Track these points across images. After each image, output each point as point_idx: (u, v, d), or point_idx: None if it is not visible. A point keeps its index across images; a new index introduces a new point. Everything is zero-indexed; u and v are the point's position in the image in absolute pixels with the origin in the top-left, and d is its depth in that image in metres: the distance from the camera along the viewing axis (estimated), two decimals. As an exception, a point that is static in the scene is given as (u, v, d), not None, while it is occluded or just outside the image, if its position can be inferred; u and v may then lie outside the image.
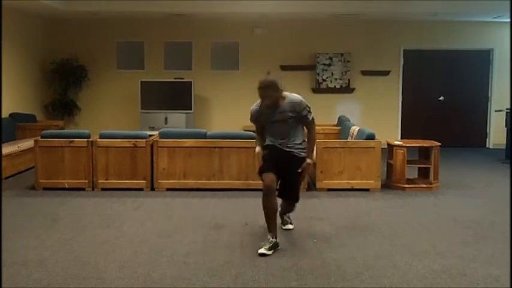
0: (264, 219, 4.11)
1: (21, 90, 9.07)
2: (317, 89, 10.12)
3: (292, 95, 4.13)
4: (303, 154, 4.20)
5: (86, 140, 6.26)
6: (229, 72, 10.30)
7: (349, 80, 10.17)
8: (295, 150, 4.18)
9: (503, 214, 5.28)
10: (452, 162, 8.45)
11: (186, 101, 9.64)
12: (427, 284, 3.45)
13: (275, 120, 4.12)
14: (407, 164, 6.42)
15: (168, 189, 6.24)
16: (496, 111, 9.98)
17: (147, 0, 8.65)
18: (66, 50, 10.05)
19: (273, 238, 4.08)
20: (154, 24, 10.15)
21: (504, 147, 8.99)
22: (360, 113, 10.19)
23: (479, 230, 4.72)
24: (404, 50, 10.29)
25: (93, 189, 6.25)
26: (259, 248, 4.02)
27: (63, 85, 9.97)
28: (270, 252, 4.00)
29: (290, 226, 4.68)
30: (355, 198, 5.96)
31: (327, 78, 10.14)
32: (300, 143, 4.21)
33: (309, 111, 4.15)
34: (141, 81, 9.70)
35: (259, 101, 4.19)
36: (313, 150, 4.25)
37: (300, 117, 4.12)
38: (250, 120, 4.33)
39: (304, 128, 4.26)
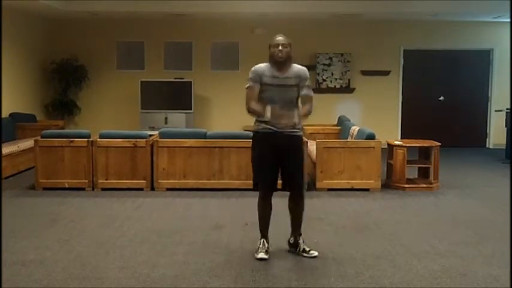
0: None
1: (21, 90, 9.06)
2: (317, 89, 10.11)
3: (299, 65, 3.97)
4: (300, 133, 3.95)
5: (86, 140, 6.26)
6: (229, 72, 10.29)
7: (349, 80, 10.17)
8: (292, 129, 3.88)
9: (503, 214, 5.28)
10: (452, 162, 8.45)
11: (186, 101, 9.64)
12: (427, 284, 3.45)
13: (281, 84, 3.84)
14: (407, 164, 6.42)
15: (168, 189, 6.24)
16: (496, 111, 9.98)
17: (147, 0, 8.65)
18: (66, 50, 10.04)
19: (267, 241, 4.02)
20: (154, 24, 10.15)
21: (504, 147, 8.98)
22: (360, 113, 10.18)
23: (479, 230, 4.71)
24: (404, 50, 10.29)
25: (93, 189, 6.25)
26: (258, 253, 3.95)
27: (63, 85, 9.97)
28: (267, 256, 3.94)
29: (315, 252, 4.02)
30: (355, 198, 5.96)
31: (327, 78, 10.14)
32: (297, 120, 3.88)
33: (310, 86, 3.94)
34: (141, 81, 9.70)
35: (264, 63, 3.98)
36: (303, 115, 3.92)
37: (302, 86, 3.88)
38: (251, 80, 3.92)
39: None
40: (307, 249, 4.01)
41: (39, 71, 9.74)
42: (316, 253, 3.99)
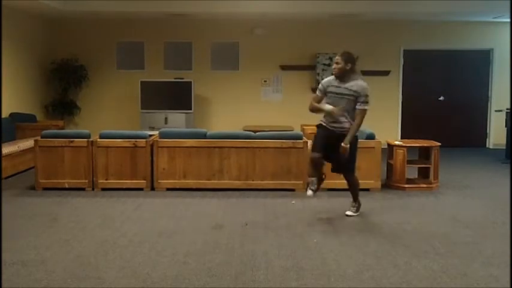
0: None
1: (21, 90, 9.07)
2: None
3: (361, 81, 4.79)
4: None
5: (86, 140, 6.26)
6: (229, 72, 10.30)
7: (349, 80, 10.16)
8: (343, 130, 4.80)
9: (503, 214, 5.28)
10: (452, 162, 8.45)
11: (186, 101, 9.64)
12: (427, 284, 3.45)
13: (340, 93, 4.78)
14: (407, 164, 6.42)
15: (168, 189, 6.24)
16: (496, 111, 9.98)
17: (147, 0, 8.65)
18: (66, 50, 10.05)
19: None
20: (154, 24, 10.15)
21: (504, 147, 8.99)
22: (360, 113, 10.16)
23: (479, 230, 4.72)
24: (404, 50, 10.29)
25: (93, 189, 6.25)
26: (307, 190, 5.09)
27: (63, 85, 9.98)
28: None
29: (349, 212, 5.15)
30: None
31: (327, 78, 10.13)
32: (349, 127, 4.78)
33: (365, 101, 4.74)
34: (141, 81, 9.70)
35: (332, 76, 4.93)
36: (351, 135, 4.76)
37: (356, 100, 4.74)
38: (318, 90, 4.95)
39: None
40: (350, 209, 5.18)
41: (39, 71, 9.75)
42: (349, 213, 5.13)
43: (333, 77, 4.90)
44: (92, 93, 10.32)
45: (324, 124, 4.97)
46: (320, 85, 4.97)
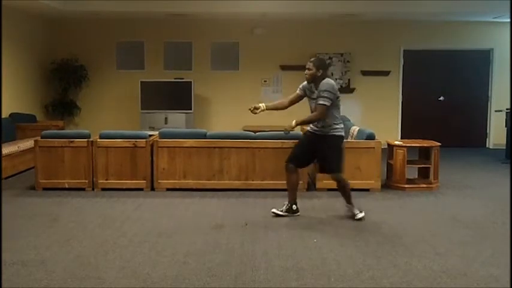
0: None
1: (21, 90, 9.07)
2: (317, 89, 10.11)
3: (327, 80, 4.84)
4: (332, 133, 4.89)
5: (86, 140, 6.26)
6: (229, 72, 10.30)
7: (349, 80, 10.17)
8: (325, 130, 4.89)
9: (503, 214, 5.28)
10: (452, 162, 8.45)
11: (186, 101, 9.64)
12: (427, 284, 3.45)
13: (313, 97, 4.92)
14: (407, 164, 6.42)
15: (168, 189, 6.24)
16: (496, 111, 9.98)
17: (147, 0, 8.65)
18: (66, 50, 10.05)
19: (288, 204, 5.09)
20: (154, 24, 10.15)
21: (504, 147, 8.98)
22: (360, 113, 10.17)
23: (479, 230, 4.72)
24: (404, 50, 10.29)
25: (93, 189, 6.25)
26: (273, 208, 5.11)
27: (63, 85, 9.98)
28: (284, 214, 5.05)
29: (360, 215, 5.03)
30: (355, 198, 5.92)
31: (327, 78, 10.13)
32: (330, 125, 4.86)
33: (323, 96, 4.74)
34: (141, 81, 9.70)
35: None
36: (303, 120, 4.87)
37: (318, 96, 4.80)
38: (298, 88, 5.10)
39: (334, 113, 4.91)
40: (353, 213, 5.06)
41: (39, 71, 9.75)
42: (361, 215, 5.00)
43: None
44: (92, 93, 10.32)
45: (308, 128, 5.14)
46: (301, 85, 5.12)
